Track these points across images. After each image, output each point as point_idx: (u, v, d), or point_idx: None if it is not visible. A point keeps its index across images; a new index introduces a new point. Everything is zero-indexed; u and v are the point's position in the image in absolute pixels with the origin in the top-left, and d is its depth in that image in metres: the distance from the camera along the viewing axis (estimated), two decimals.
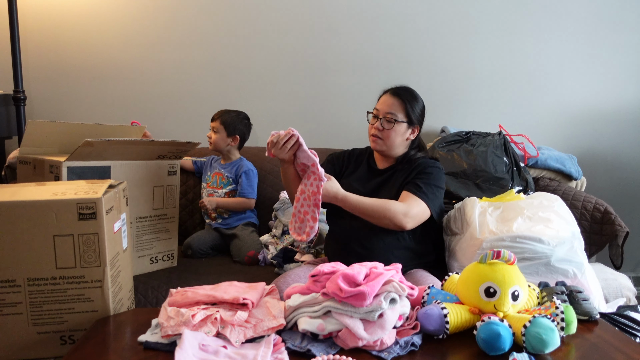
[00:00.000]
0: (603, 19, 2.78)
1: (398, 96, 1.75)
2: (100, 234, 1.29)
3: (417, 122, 1.77)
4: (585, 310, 1.26)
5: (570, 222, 1.81)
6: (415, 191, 1.67)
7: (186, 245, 2.23)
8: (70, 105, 2.66)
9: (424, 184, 1.68)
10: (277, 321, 1.14)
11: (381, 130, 1.73)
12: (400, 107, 1.73)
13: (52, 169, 1.72)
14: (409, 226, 1.64)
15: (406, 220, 1.62)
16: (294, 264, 2.04)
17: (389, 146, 1.75)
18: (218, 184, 2.35)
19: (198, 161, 2.48)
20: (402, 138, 1.75)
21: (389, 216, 1.61)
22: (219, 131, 2.30)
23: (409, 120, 1.74)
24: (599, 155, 2.89)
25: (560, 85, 2.83)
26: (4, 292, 1.28)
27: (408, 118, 1.74)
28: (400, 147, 1.78)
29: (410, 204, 1.64)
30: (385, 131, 1.72)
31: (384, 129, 1.72)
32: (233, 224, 2.31)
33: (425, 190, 1.67)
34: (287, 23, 2.68)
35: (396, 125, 1.72)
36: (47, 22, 2.60)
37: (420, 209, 1.65)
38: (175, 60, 2.68)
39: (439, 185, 1.73)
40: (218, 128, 2.30)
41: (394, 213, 1.61)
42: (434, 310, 1.14)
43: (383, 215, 1.61)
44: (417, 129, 1.79)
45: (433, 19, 2.73)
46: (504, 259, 1.17)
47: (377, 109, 1.76)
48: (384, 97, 1.77)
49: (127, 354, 1.09)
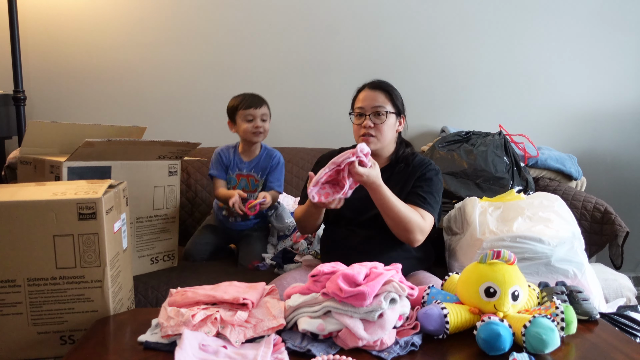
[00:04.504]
0: (603, 19, 2.78)
1: (379, 88, 1.70)
2: (100, 234, 1.29)
3: (402, 111, 1.73)
4: (585, 310, 1.26)
5: (571, 222, 1.81)
6: (422, 204, 1.63)
7: (187, 252, 2.17)
8: (70, 105, 2.66)
9: (427, 193, 1.65)
10: (277, 321, 1.14)
11: (373, 127, 1.66)
12: (386, 98, 1.68)
13: (52, 169, 1.72)
14: (420, 242, 1.61)
15: (420, 237, 1.60)
16: (293, 264, 2.04)
17: (383, 142, 1.69)
18: (251, 187, 2.12)
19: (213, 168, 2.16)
20: (393, 130, 1.71)
21: (409, 228, 1.57)
22: (268, 118, 2.08)
23: (397, 111, 1.70)
24: (599, 155, 2.89)
25: (560, 85, 2.83)
26: (4, 292, 1.28)
27: (396, 108, 1.70)
28: (392, 141, 1.74)
29: (424, 218, 1.61)
30: (378, 126, 1.66)
31: (376, 125, 1.66)
32: (250, 225, 2.16)
33: (430, 201, 1.64)
34: (287, 23, 2.69)
35: (387, 117, 1.67)
36: (47, 22, 2.60)
37: (429, 222, 1.63)
38: (176, 61, 2.68)
39: (439, 191, 1.71)
40: (267, 115, 2.08)
41: (414, 226, 1.56)
42: (434, 310, 1.14)
43: (402, 225, 1.56)
44: (404, 119, 1.75)
45: (433, 19, 2.73)
46: (504, 259, 1.17)
47: (361, 107, 1.69)
48: (365, 93, 1.71)
49: (127, 354, 1.09)
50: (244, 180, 2.12)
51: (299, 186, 2.54)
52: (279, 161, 2.13)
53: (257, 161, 2.12)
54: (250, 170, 2.12)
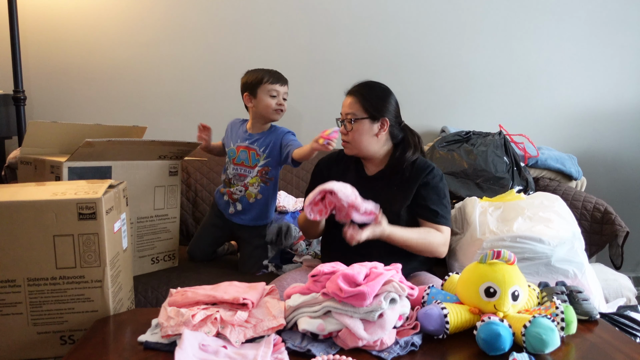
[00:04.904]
0: (603, 19, 2.78)
1: (352, 94, 1.68)
2: (100, 234, 1.29)
3: (379, 114, 1.65)
4: (585, 310, 1.26)
5: (571, 222, 1.81)
6: (435, 218, 1.64)
7: (190, 254, 2.15)
8: (70, 105, 2.66)
9: (437, 205, 1.65)
10: (277, 321, 1.14)
11: (346, 134, 1.67)
12: (356, 104, 1.66)
13: (53, 169, 1.72)
14: (445, 254, 1.66)
15: (444, 250, 1.65)
16: (293, 265, 2.04)
17: (358, 148, 1.67)
18: (251, 162, 2.01)
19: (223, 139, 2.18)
20: (369, 135, 1.66)
21: (431, 250, 1.63)
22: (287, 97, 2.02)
23: (370, 115, 1.65)
24: (599, 155, 2.89)
25: (560, 85, 2.83)
26: (4, 292, 1.28)
27: (367, 113, 1.65)
28: (374, 145, 1.68)
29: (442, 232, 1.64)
30: (349, 133, 1.66)
31: (347, 132, 1.66)
32: (249, 223, 2.05)
33: (443, 213, 1.65)
34: (287, 23, 2.69)
35: (356, 124, 1.64)
36: (47, 22, 2.60)
37: (447, 234, 1.67)
38: (176, 60, 2.68)
39: (447, 195, 1.71)
40: (287, 94, 2.02)
41: (436, 246, 1.63)
42: (434, 310, 1.14)
43: (426, 250, 1.63)
44: (386, 121, 1.66)
45: (433, 19, 2.73)
46: (504, 259, 1.17)
47: (341, 114, 1.70)
48: (344, 99, 1.71)
49: (127, 354, 1.09)
50: (244, 153, 2.02)
51: (300, 186, 2.55)
52: (287, 131, 2.03)
53: (263, 136, 2.02)
54: (253, 142, 2.01)
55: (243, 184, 2.01)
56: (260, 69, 2.00)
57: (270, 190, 2.04)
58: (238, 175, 2.02)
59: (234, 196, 2.04)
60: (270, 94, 1.96)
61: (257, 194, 2.01)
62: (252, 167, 2.00)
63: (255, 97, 1.98)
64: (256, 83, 1.97)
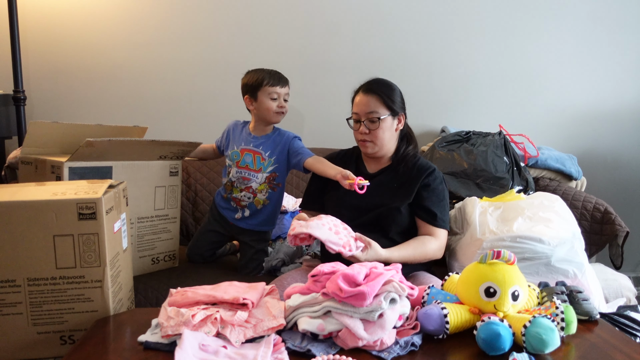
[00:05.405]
0: (603, 19, 2.78)
1: (372, 92, 1.67)
2: (100, 234, 1.29)
3: (399, 110, 1.69)
4: (585, 310, 1.26)
5: (571, 222, 1.81)
6: (434, 221, 1.66)
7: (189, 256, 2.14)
8: (70, 105, 2.66)
9: (436, 207, 1.66)
10: (277, 321, 1.14)
11: (367, 133, 1.66)
12: (379, 102, 1.65)
13: (53, 169, 1.72)
14: (441, 256, 1.70)
15: (440, 254, 1.69)
16: (292, 265, 2.04)
17: (380, 146, 1.69)
18: (256, 166, 1.97)
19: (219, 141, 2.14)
20: (391, 132, 1.69)
21: (428, 258, 1.66)
22: (288, 98, 1.99)
23: (392, 112, 1.67)
24: (599, 155, 2.89)
25: (560, 85, 2.83)
26: (4, 292, 1.28)
27: (390, 110, 1.67)
28: (393, 142, 1.73)
29: (438, 237, 1.66)
30: (372, 132, 1.66)
31: (371, 131, 1.66)
32: (255, 228, 2.04)
33: (441, 216, 1.67)
34: (288, 23, 2.69)
35: (381, 122, 1.65)
36: (47, 22, 2.60)
37: (443, 237, 1.69)
38: (177, 61, 2.68)
39: (446, 197, 1.72)
40: (289, 95, 1.99)
41: (432, 254, 1.65)
42: (434, 310, 1.14)
43: (423, 260, 1.65)
44: (403, 116, 1.72)
45: (433, 19, 2.73)
46: (504, 259, 1.17)
47: (355, 113, 1.69)
48: (359, 98, 1.69)
49: (127, 354, 1.09)
50: (248, 156, 1.98)
51: (300, 186, 2.55)
52: (294, 136, 2.00)
53: (267, 139, 1.99)
54: (258, 146, 1.98)
55: (251, 191, 1.99)
56: (260, 70, 1.99)
57: (277, 195, 2.03)
58: (242, 179, 1.99)
59: (241, 203, 2.01)
60: (271, 97, 1.94)
61: (265, 200, 2.01)
62: (257, 171, 1.98)
63: (256, 99, 1.96)
64: (256, 85, 1.95)
